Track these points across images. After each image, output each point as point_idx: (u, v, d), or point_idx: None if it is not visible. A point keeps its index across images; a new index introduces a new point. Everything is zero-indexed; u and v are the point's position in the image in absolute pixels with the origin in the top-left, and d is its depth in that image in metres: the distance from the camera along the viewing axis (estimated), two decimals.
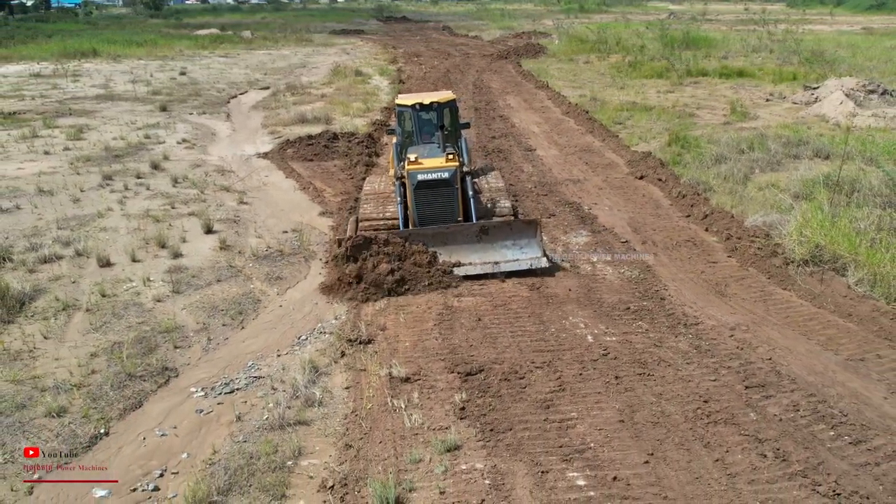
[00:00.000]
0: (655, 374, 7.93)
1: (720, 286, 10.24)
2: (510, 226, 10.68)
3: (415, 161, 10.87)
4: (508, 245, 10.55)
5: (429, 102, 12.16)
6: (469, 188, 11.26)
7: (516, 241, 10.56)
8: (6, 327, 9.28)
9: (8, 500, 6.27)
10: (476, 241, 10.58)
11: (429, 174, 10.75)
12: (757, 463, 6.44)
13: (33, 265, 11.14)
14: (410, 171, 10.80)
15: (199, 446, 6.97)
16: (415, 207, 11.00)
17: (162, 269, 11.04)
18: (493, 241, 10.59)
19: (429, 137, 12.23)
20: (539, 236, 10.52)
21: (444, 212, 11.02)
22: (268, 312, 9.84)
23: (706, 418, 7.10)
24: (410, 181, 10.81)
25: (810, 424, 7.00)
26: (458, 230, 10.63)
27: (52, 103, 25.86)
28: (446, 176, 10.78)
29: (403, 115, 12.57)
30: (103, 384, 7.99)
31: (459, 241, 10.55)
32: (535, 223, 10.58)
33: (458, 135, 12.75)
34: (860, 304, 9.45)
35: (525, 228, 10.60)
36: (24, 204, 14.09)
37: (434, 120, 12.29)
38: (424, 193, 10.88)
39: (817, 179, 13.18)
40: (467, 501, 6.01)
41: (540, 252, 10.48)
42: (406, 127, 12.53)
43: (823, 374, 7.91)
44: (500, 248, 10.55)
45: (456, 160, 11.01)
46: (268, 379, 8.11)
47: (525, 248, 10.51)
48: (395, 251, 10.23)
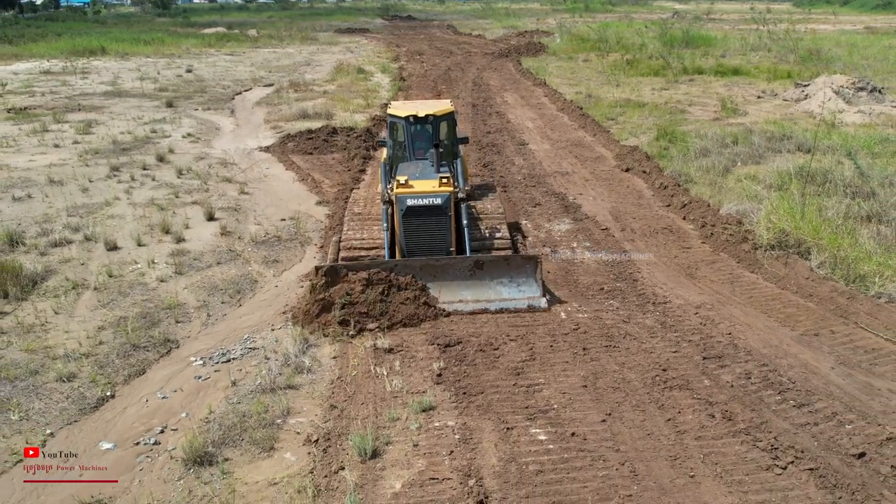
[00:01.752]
0: (621, 346, 8.54)
1: (691, 269, 10.83)
2: (507, 261, 9.65)
3: (405, 184, 9.84)
4: (505, 282, 9.56)
5: (424, 115, 10.92)
6: (464, 216, 10.16)
7: (514, 277, 9.57)
8: (20, 304, 9.95)
9: (21, 449, 6.92)
10: (469, 276, 9.55)
11: (420, 199, 9.69)
12: (705, 422, 7.03)
13: (45, 248, 11.82)
14: (399, 194, 9.76)
15: (197, 407, 7.61)
16: (403, 236, 10.02)
17: (165, 253, 11.71)
18: (488, 277, 9.58)
19: (422, 153, 11.11)
20: (539, 274, 9.53)
21: (436, 242, 10.02)
22: (264, 292, 10.49)
23: (663, 384, 7.70)
24: (399, 206, 9.78)
25: (759, 390, 7.59)
26: (450, 264, 9.56)
27: (61, 99, 26.61)
28: (439, 202, 9.71)
29: (396, 126, 11.39)
30: (110, 353, 8.66)
31: (450, 275, 9.53)
32: (534, 259, 9.60)
33: (455, 151, 11.55)
34: (820, 285, 10.02)
35: (523, 265, 9.61)
36: (35, 193, 14.79)
37: (429, 134, 11.17)
38: (414, 221, 9.86)
39: (792, 171, 13.72)
40: (438, 453, 6.64)
41: (539, 291, 9.51)
42: (398, 139, 11.40)
43: (778, 347, 8.50)
44: (496, 285, 9.55)
45: (450, 184, 9.96)
46: (262, 350, 8.75)
47: (523, 287, 9.53)
48: (377, 285, 9.19)
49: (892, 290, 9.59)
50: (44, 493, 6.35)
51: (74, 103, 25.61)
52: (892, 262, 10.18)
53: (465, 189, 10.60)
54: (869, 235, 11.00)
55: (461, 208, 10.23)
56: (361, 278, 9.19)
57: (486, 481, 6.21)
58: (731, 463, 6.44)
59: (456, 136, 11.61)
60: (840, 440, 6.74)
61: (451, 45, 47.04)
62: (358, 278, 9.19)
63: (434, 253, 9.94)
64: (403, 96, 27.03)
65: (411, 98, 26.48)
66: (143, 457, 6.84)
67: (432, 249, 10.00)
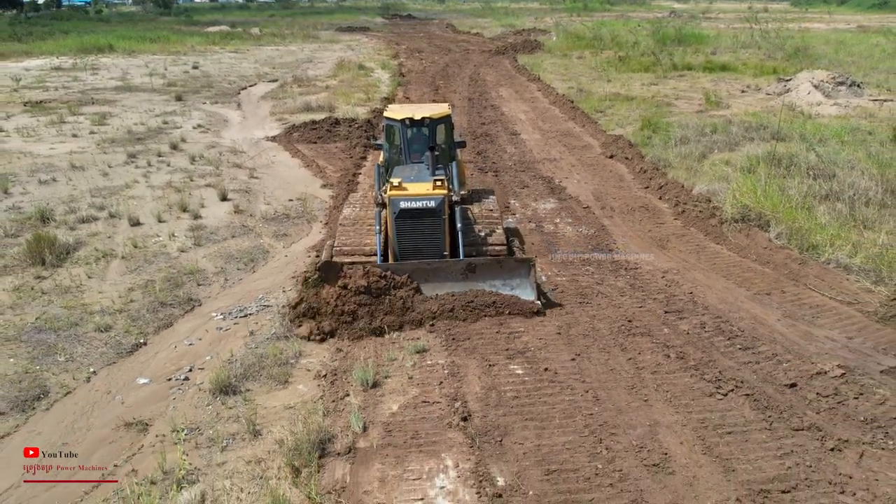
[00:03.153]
0: (593, 302, 9.64)
1: (663, 241, 11.93)
2: (500, 264, 9.52)
3: (398, 186, 9.66)
4: (498, 285, 9.46)
5: (420, 118, 10.86)
6: (458, 219, 9.90)
7: (507, 280, 9.49)
8: (56, 270, 11.05)
9: (72, 385, 8.03)
10: (462, 279, 9.45)
11: (413, 202, 9.52)
12: (661, 361, 8.13)
13: (73, 224, 12.92)
14: (393, 197, 9.58)
15: (220, 351, 8.71)
16: (396, 239, 9.84)
17: (184, 228, 12.81)
18: (482, 279, 9.47)
19: (418, 156, 11.03)
20: (533, 276, 9.45)
21: (429, 245, 9.85)
22: (275, 260, 11.59)
23: (627, 332, 8.80)
24: (392, 209, 9.63)
25: (711, 337, 8.69)
26: (442, 267, 9.47)
27: (74, 93, 27.71)
28: (433, 205, 9.53)
29: (392, 129, 11.34)
30: (140, 309, 9.76)
31: (443, 278, 9.41)
32: (528, 262, 9.51)
33: (452, 154, 11.39)
34: (777, 252, 11.12)
35: (517, 267, 9.50)
36: (59, 177, 15.89)
37: (425, 137, 11.13)
38: (407, 223, 9.69)
39: (760, 156, 14.81)
40: (429, 383, 7.74)
41: (533, 295, 9.39)
42: (394, 143, 11.38)
43: (732, 303, 9.59)
44: (489, 287, 9.47)
45: (445, 187, 9.77)
46: (275, 307, 9.85)
47: (517, 290, 9.43)
48: (370, 286, 9.10)
49: (840, 257, 10.67)
50: (93, 415, 7.46)
51: (87, 97, 26.72)
52: (843, 234, 11.27)
53: (461, 193, 10.46)
54: (826, 212, 12.09)
55: (455, 211, 9.96)
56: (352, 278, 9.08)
57: (469, 404, 7.31)
58: (680, 391, 7.53)
59: (453, 140, 11.51)
60: (776, 374, 7.84)
61: (450, 44, 48.15)
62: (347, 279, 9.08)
63: (427, 256, 9.79)
64: (403, 91, 28.13)
65: (410, 93, 27.60)
66: (175, 389, 7.95)
67: (426, 253, 9.84)
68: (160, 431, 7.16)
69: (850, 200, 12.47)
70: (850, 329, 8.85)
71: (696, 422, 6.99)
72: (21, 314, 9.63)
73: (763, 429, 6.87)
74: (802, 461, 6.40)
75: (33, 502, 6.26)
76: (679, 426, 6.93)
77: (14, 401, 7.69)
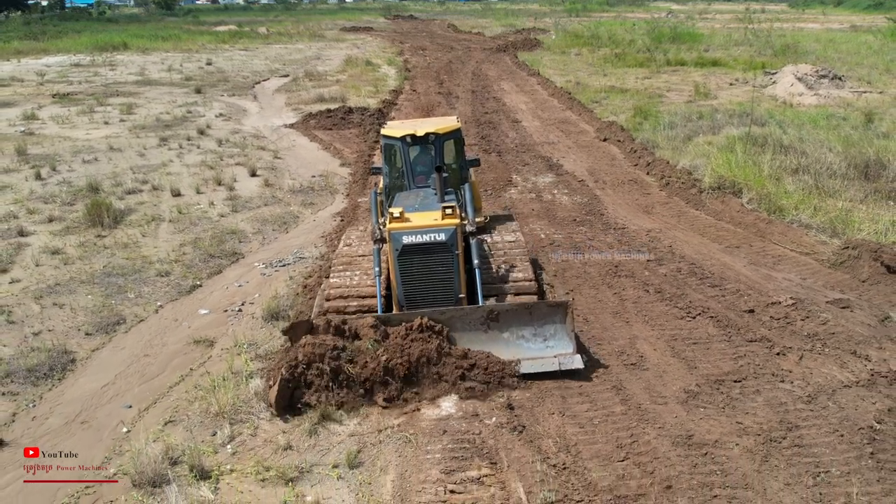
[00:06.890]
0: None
1: (648, 208, 13.44)
2: (529, 310, 7.76)
3: (400, 217, 7.99)
4: (527, 336, 7.74)
5: (423, 133, 9.03)
6: (475, 254, 8.17)
7: (538, 330, 7.74)
8: (112, 231, 12.55)
9: (143, 315, 9.53)
10: (482, 329, 7.73)
11: (418, 235, 7.85)
12: (641, 294, 9.63)
13: (121, 195, 14.43)
14: (393, 231, 7.90)
15: (266, 291, 10.20)
16: (399, 281, 8.10)
17: (221, 198, 14.32)
18: (507, 329, 7.73)
19: (424, 180, 9.30)
20: (570, 324, 7.65)
21: (440, 288, 8.12)
22: (305, 224, 13.11)
23: (614, 274, 10.30)
24: (393, 245, 7.93)
25: (685, 278, 10.19)
26: (458, 315, 7.73)
27: (97, 87, 29.25)
28: (442, 238, 7.86)
29: (391, 149, 9.52)
30: (193, 259, 11.28)
31: (459, 328, 7.70)
32: (563, 306, 7.73)
33: (463, 176, 9.67)
34: (748, 215, 12.63)
35: (550, 314, 7.72)
36: (100, 157, 17.41)
37: (431, 156, 9.32)
38: (412, 262, 7.98)
39: (738, 136, 16.33)
40: None
41: (571, 346, 7.67)
42: (395, 165, 9.60)
43: (706, 254, 11.10)
44: (517, 339, 7.74)
45: (456, 215, 8.06)
46: (309, 258, 11.35)
47: (550, 341, 7.72)
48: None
49: (802, 218, 12.17)
50: (166, 336, 8.97)
51: (111, 90, 28.25)
52: (807, 199, 12.77)
53: (476, 221, 8.49)
54: (793, 182, 13.60)
55: (471, 244, 8.26)
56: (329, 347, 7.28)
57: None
58: (656, 315, 9.03)
59: (464, 158, 9.78)
60: (738, 303, 9.33)
61: (452, 42, 49.74)
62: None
63: (439, 302, 8.08)
64: (409, 84, 29.67)
65: (416, 86, 29.13)
66: (232, 317, 9.46)
67: (436, 298, 8.11)
68: (224, 346, 8.65)
69: (816, 173, 13.95)
70: (804, 272, 10.34)
71: (668, 336, 8.49)
72: (89, 264, 11.13)
73: (722, 340, 8.37)
74: (752, 362, 7.89)
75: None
76: (654, 339, 8.43)
77: (98, 325, 9.19)
